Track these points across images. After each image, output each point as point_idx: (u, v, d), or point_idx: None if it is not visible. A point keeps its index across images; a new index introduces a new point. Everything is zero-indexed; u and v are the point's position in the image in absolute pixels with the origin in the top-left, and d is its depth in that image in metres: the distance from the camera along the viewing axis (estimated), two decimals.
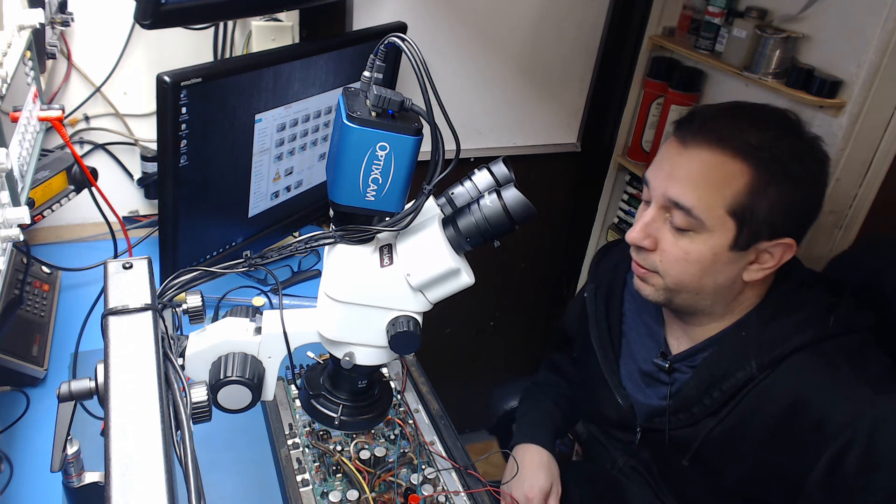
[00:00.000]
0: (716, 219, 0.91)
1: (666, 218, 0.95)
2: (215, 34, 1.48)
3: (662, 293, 1.00)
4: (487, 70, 1.76)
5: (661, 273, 0.97)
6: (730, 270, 0.95)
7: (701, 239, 0.93)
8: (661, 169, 0.96)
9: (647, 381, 1.11)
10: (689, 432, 1.02)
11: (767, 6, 1.51)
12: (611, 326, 1.17)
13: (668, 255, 0.95)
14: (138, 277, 0.62)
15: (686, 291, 0.97)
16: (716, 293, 0.97)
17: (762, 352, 0.95)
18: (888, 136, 1.38)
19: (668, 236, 0.95)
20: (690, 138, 0.93)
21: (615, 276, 1.20)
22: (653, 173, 0.97)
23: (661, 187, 0.94)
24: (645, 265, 0.99)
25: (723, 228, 0.92)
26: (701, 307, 1.00)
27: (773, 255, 0.94)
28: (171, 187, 1.08)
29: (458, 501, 0.99)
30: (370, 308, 0.71)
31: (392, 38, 0.63)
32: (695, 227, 0.92)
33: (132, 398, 0.50)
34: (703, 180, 0.91)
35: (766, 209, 0.90)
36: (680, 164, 0.93)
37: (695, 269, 0.94)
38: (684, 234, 0.94)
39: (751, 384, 0.95)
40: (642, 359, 1.12)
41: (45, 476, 0.93)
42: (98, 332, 0.57)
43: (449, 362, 2.22)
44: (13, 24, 0.86)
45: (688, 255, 0.94)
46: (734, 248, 0.92)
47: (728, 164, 0.91)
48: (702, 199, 0.91)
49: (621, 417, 1.14)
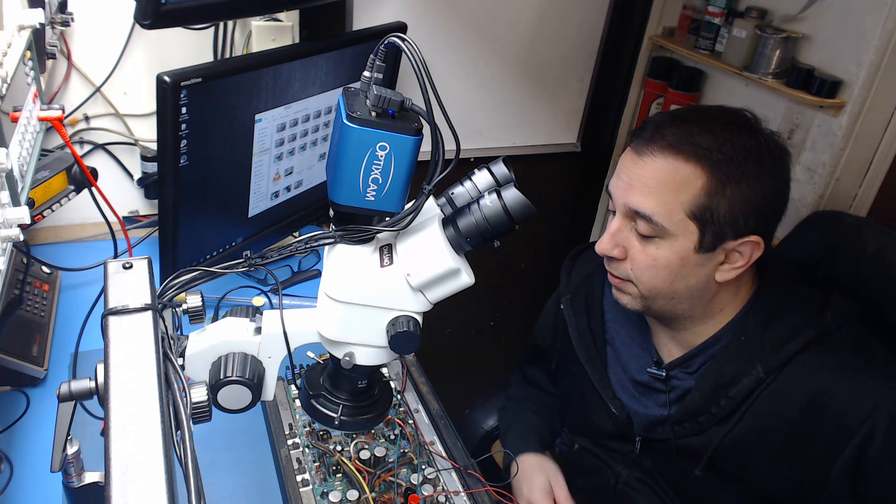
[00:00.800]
0: (676, 223, 0.92)
1: (632, 227, 0.96)
2: (215, 34, 1.48)
3: (639, 301, 1.00)
4: (487, 70, 1.76)
5: (634, 281, 0.98)
6: (700, 273, 0.95)
7: (666, 244, 0.93)
8: (620, 179, 0.97)
9: (641, 391, 1.10)
10: (698, 441, 1.01)
11: (767, 6, 1.51)
12: (595, 337, 1.16)
13: (637, 262, 0.96)
14: (138, 277, 0.62)
15: (661, 297, 0.98)
16: (690, 296, 0.98)
17: (766, 355, 0.94)
18: (888, 136, 1.38)
19: (636, 244, 0.96)
20: (644, 147, 0.94)
21: (591, 286, 1.19)
22: (613, 184, 0.98)
23: (622, 197, 0.95)
24: (618, 274, 1.00)
25: (685, 232, 0.92)
26: (679, 311, 1.00)
27: (742, 253, 0.95)
28: (171, 187, 1.08)
29: (458, 501, 0.99)
30: (370, 308, 0.71)
31: (392, 38, 0.63)
32: (658, 233, 0.93)
33: (132, 398, 0.50)
34: (660, 187, 0.92)
35: (727, 209, 0.91)
36: (636, 173, 0.94)
37: (664, 273, 0.95)
38: (650, 241, 0.94)
39: (759, 388, 0.95)
40: (634, 368, 1.10)
41: (45, 476, 0.93)
42: (98, 332, 0.57)
43: (449, 362, 2.22)
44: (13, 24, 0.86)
45: (656, 261, 0.94)
46: (700, 250, 0.93)
47: (682, 169, 0.91)
48: (660, 206, 0.92)
49: (617, 428, 1.13)
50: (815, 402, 0.92)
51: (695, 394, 1.01)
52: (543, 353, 1.34)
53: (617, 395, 1.12)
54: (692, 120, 0.95)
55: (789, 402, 0.93)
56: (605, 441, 1.18)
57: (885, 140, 1.39)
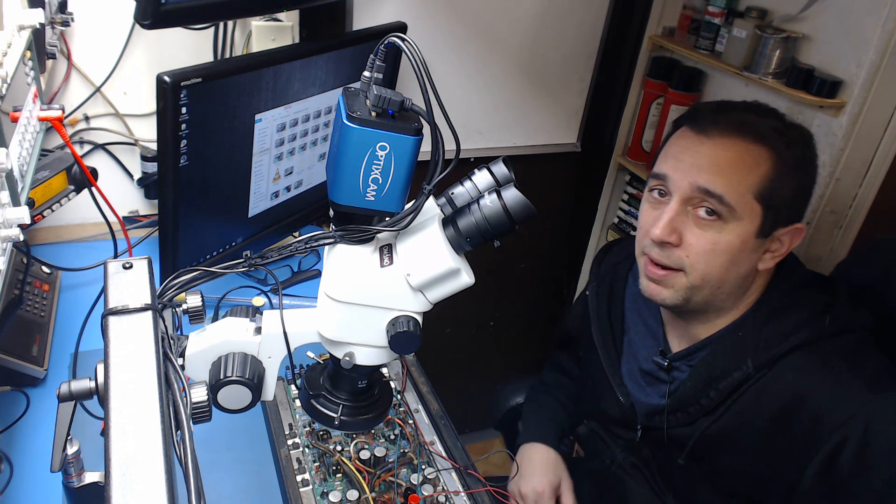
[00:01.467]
0: (745, 205, 0.92)
1: (689, 211, 0.95)
2: (215, 34, 1.48)
3: (682, 293, 0.98)
4: (487, 70, 1.76)
5: (686, 270, 0.96)
6: (751, 260, 0.96)
7: (729, 228, 0.93)
8: (682, 161, 0.96)
9: (647, 380, 1.11)
10: (686, 431, 1.03)
11: (767, 6, 1.51)
12: (612, 325, 1.18)
13: (694, 248, 0.95)
14: (138, 277, 0.62)
15: (708, 287, 0.97)
16: (735, 285, 0.98)
17: (758, 351, 0.95)
18: (888, 136, 1.38)
19: (694, 229, 0.95)
20: (710, 128, 0.95)
21: (616, 275, 1.20)
22: (672, 167, 0.97)
23: (688, 178, 0.94)
24: (669, 263, 0.97)
25: (751, 215, 0.93)
26: (715, 303, 1.00)
27: (783, 242, 0.97)
28: (171, 187, 1.08)
29: (458, 501, 0.99)
30: (370, 308, 0.71)
31: (392, 38, 0.63)
32: (725, 215, 0.93)
33: (132, 398, 0.50)
34: (731, 167, 0.92)
35: (788, 193, 0.94)
36: (704, 153, 0.94)
37: (722, 259, 0.94)
38: (710, 225, 0.94)
39: (747, 384, 0.95)
40: (643, 357, 1.12)
41: (45, 476, 0.93)
42: (98, 332, 0.57)
43: (449, 362, 2.22)
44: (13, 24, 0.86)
45: (716, 245, 0.94)
46: (759, 234, 0.94)
47: (752, 150, 0.93)
48: (731, 185, 0.92)
49: (622, 415, 1.15)
50: (794, 402, 0.92)
51: (687, 384, 1.02)
52: (572, 339, 1.37)
53: (624, 382, 1.14)
54: (750, 106, 0.99)
55: (771, 399, 0.94)
56: (612, 427, 1.21)
57: (885, 140, 1.39)
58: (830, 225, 1.45)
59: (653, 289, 1.01)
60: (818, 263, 1.46)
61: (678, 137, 1.00)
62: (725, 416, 0.98)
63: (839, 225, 1.45)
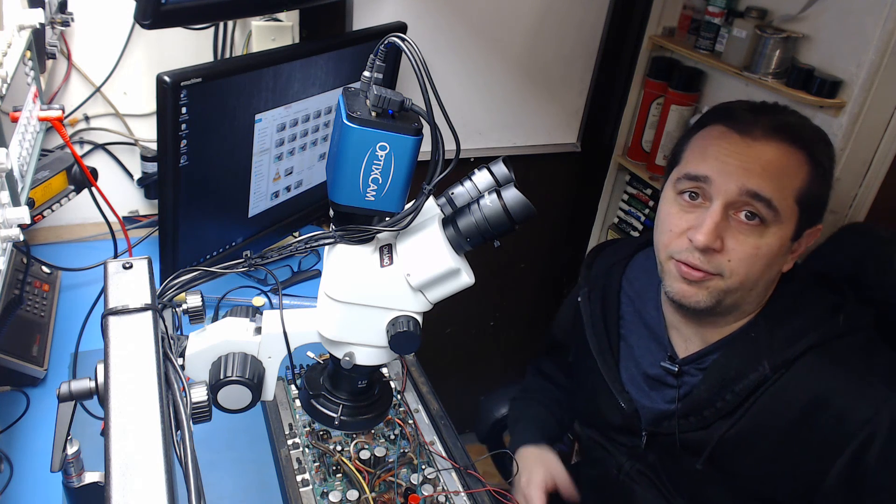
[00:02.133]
0: (788, 208, 0.93)
1: (730, 216, 0.94)
2: (215, 34, 1.48)
3: (717, 295, 0.96)
4: (487, 70, 1.76)
5: (725, 274, 0.95)
6: (783, 262, 0.97)
7: (770, 232, 0.93)
8: (727, 163, 0.93)
9: (651, 385, 1.10)
10: (701, 435, 1.01)
11: (767, 6, 1.51)
12: (608, 330, 1.15)
13: (737, 253, 0.93)
14: (138, 277, 0.62)
15: (744, 289, 0.96)
16: (764, 287, 0.98)
17: (774, 353, 0.95)
18: (888, 136, 1.38)
19: (736, 234, 0.94)
20: (755, 129, 0.94)
21: (609, 279, 1.18)
22: (715, 169, 0.94)
23: (735, 181, 0.92)
24: (709, 268, 0.95)
25: (791, 218, 0.94)
26: (742, 304, 0.99)
27: (801, 243, 0.97)
28: (171, 187, 1.08)
29: (458, 501, 0.99)
30: (370, 308, 0.71)
31: (392, 38, 0.63)
32: (768, 219, 0.92)
33: (132, 398, 0.50)
34: (779, 171, 0.92)
35: (820, 196, 0.95)
36: (751, 155, 0.93)
37: (762, 263, 0.94)
38: (754, 230, 0.93)
39: (764, 385, 0.95)
40: (647, 363, 1.10)
41: (45, 476, 0.93)
42: (98, 332, 0.57)
43: (449, 362, 2.22)
44: (13, 24, 0.86)
45: (758, 249, 0.93)
46: (794, 237, 0.95)
47: (795, 155, 0.93)
48: (779, 190, 0.92)
49: (624, 422, 1.13)
50: (816, 402, 0.92)
51: (700, 388, 1.01)
52: (561, 345, 1.34)
53: (626, 388, 1.12)
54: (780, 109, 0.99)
55: (791, 401, 0.93)
56: (613, 434, 1.19)
57: (885, 140, 1.39)
58: (830, 225, 1.44)
59: (686, 291, 0.98)
60: None
61: (718, 138, 0.96)
62: (744, 419, 0.97)
63: (839, 225, 1.45)
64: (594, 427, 1.24)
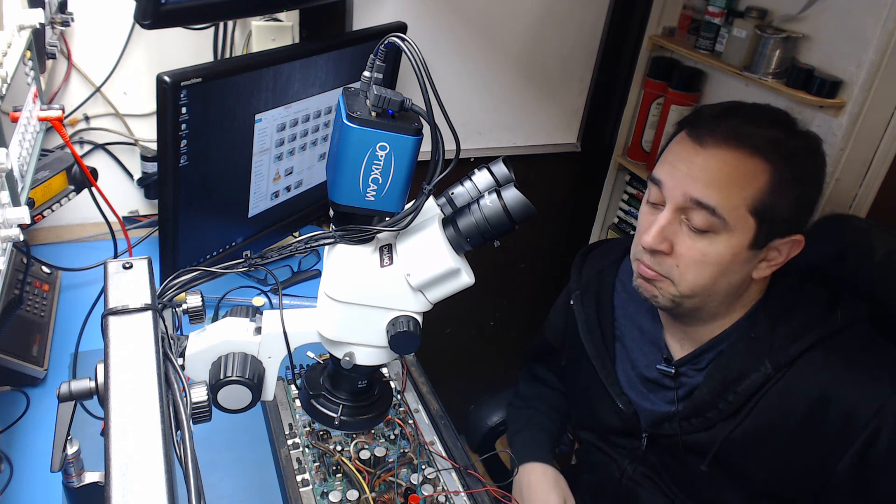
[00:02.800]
0: (738, 218, 0.91)
1: (681, 220, 0.94)
2: (215, 34, 1.48)
3: (671, 299, 0.98)
4: (487, 70, 1.76)
5: (674, 280, 0.96)
6: (744, 270, 0.95)
7: (721, 239, 0.92)
8: (677, 169, 0.94)
9: (649, 387, 1.10)
10: (704, 436, 1.01)
11: (767, 6, 1.51)
12: (604, 333, 1.15)
13: (685, 258, 0.94)
14: (138, 277, 0.62)
15: (698, 295, 0.96)
16: (726, 294, 0.97)
17: (775, 351, 0.95)
18: (888, 136, 1.38)
19: (685, 239, 0.94)
20: (707, 137, 0.92)
21: (602, 282, 1.17)
22: (667, 174, 0.95)
23: (681, 188, 0.92)
24: (659, 270, 0.97)
25: (743, 227, 0.91)
26: (707, 309, 0.99)
27: (781, 251, 0.95)
28: (171, 187, 1.08)
29: (458, 501, 0.99)
30: (370, 308, 0.71)
31: (392, 38, 0.63)
32: (716, 227, 0.91)
33: (132, 398, 0.50)
34: (726, 179, 0.90)
35: (785, 206, 0.91)
36: (699, 163, 0.92)
37: (711, 270, 0.93)
38: (703, 236, 0.92)
39: (767, 385, 0.95)
40: (644, 365, 1.10)
41: (45, 476, 0.93)
42: (98, 332, 0.57)
43: (449, 362, 2.22)
44: (13, 24, 0.86)
45: (706, 256, 0.93)
46: (753, 247, 0.93)
47: (748, 163, 0.90)
48: (725, 199, 0.90)
49: (623, 424, 1.13)
50: (822, 399, 0.92)
51: (703, 389, 1.01)
52: (553, 349, 1.33)
53: (624, 391, 1.12)
54: (752, 113, 0.95)
55: (797, 398, 0.93)
56: (612, 437, 1.18)
57: (885, 140, 1.39)
58: None
59: (645, 287, 1.01)
60: None
61: (676, 143, 0.97)
62: (748, 419, 0.97)
63: None
64: (592, 430, 1.24)
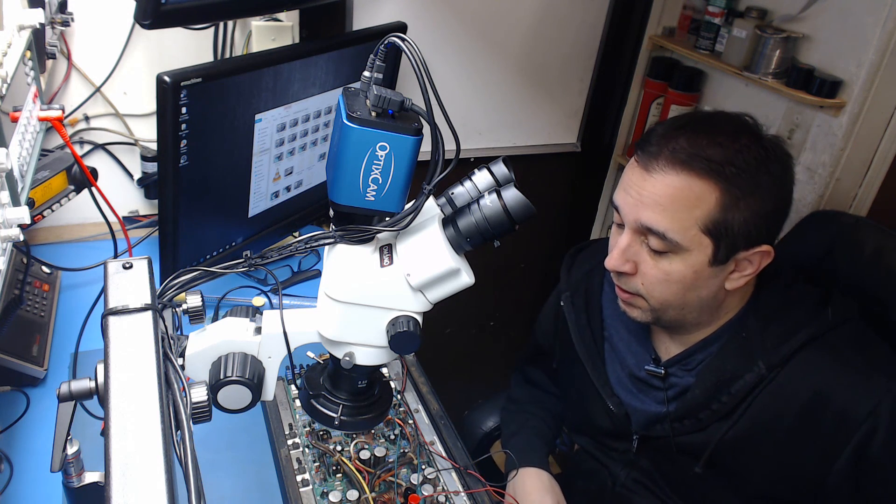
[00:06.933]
0: (691, 239, 0.90)
1: (642, 241, 0.94)
2: (215, 34, 1.48)
3: (650, 314, 0.99)
4: (487, 70, 1.76)
5: (644, 296, 0.97)
6: (712, 284, 0.95)
7: (679, 259, 0.92)
8: (629, 195, 0.94)
9: (639, 387, 1.09)
10: (698, 438, 1.01)
11: (767, 6, 1.51)
12: (594, 333, 1.15)
13: (648, 277, 0.95)
14: (138, 277, 0.62)
15: (672, 309, 0.97)
16: (701, 306, 0.97)
17: (768, 351, 0.94)
18: (888, 136, 1.38)
19: (647, 259, 0.94)
20: (652, 162, 0.91)
21: (591, 282, 1.18)
22: (621, 199, 0.96)
23: (632, 214, 0.93)
24: (627, 289, 0.98)
25: (699, 247, 0.91)
26: (688, 320, 1.00)
27: (752, 262, 0.94)
28: (171, 187, 1.08)
29: (458, 501, 0.99)
30: (370, 308, 0.71)
31: (392, 38, 0.63)
32: (672, 248, 0.91)
33: (132, 398, 0.50)
34: (673, 204, 0.90)
35: (740, 222, 0.90)
36: (647, 189, 0.91)
37: (676, 287, 0.94)
38: (663, 256, 0.93)
39: (761, 385, 0.95)
40: (633, 365, 1.10)
41: (45, 476, 0.93)
42: (98, 332, 0.57)
43: (449, 362, 2.22)
44: (13, 24, 0.86)
45: (669, 275, 0.93)
46: (714, 263, 0.92)
47: (695, 185, 0.89)
48: (674, 223, 0.90)
49: (615, 426, 1.12)
50: (816, 398, 0.92)
51: (695, 390, 1.01)
52: (544, 352, 1.33)
53: (615, 391, 1.12)
54: (698, 130, 0.92)
55: (791, 398, 0.93)
56: (604, 440, 1.18)
57: (885, 140, 1.39)
58: None
59: (625, 307, 1.03)
60: None
61: (629, 168, 0.96)
62: (742, 419, 0.96)
63: None
64: (584, 434, 1.23)
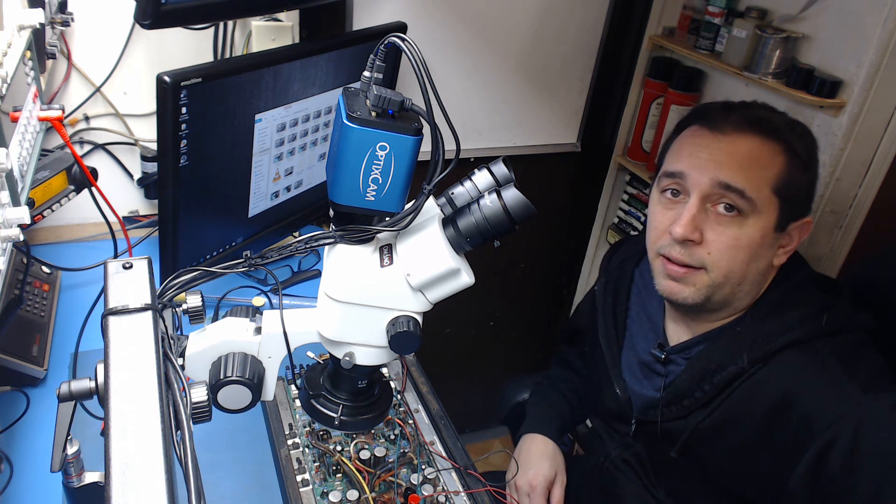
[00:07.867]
0: (764, 199, 0.94)
1: (708, 209, 0.96)
2: (215, 34, 1.48)
3: (704, 291, 0.98)
4: (487, 70, 1.76)
5: (708, 268, 0.97)
6: (769, 254, 0.98)
7: (749, 223, 0.95)
8: (699, 157, 0.97)
9: (644, 373, 1.12)
10: (680, 425, 1.03)
11: (767, 6, 1.51)
12: (616, 319, 1.19)
13: (716, 244, 0.96)
14: (138, 277, 0.62)
15: (730, 284, 0.98)
16: (754, 281, 0.99)
17: (754, 347, 0.96)
18: (888, 136, 1.38)
19: (715, 226, 0.96)
20: (723, 125, 0.97)
21: (623, 272, 1.22)
22: (689, 164, 0.98)
23: (708, 174, 0.95)
24: (690, 261, 0.98)
25: (769, 209, 0.95)
26: (734, 300, 1.00)
27: (792, 236, 0.99)
28: (171, 187, 1.08)
29: (458, 501, 0.99)
30: (370, 308, 0.71)
31: (392, 38, 0.63)
32: (745, 210, 0.94)
33: (132, 398, 0.50)
34: (751, 162, 0.95)
35: (800, 187, 0.97)
36: (722, 149, 0.96)
37: (744, 255, 0.96)
38: (732, 221, 0.95)
39: (741, 378, 0.96)
40: (642, 349, 1.13)
41: (45, 476, 0.93)
42: (98, 332, 0.57)
43: (449, 362, 2.22)
44: (13, 24, 0.86)
45: (738, 241, 0.95)
46: (777, 228, 0.96)
47: (767, 146, 0.95)
48: (752, 181, 0.94)
49: (619, 409, 1.16)
50: (785, 399, 0.92)
51: (682, 377, 1.03)
52: (580, 334, 1.38)
53: (623, 375, 1.15)
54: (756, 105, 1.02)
55: (763, 396, 0.94)
56: (611, 421, 1.22)
57: (885, 140, 1.39)
58: (830, 225, 1.45)
59: (673, 287, 1.01)
60: (819, 263, 1.46)
61: (691, 136, 1.01)
62: (718, 410, 0.98)
63: (839, 225, 1.45)
64: (597, 415, 1.28)
